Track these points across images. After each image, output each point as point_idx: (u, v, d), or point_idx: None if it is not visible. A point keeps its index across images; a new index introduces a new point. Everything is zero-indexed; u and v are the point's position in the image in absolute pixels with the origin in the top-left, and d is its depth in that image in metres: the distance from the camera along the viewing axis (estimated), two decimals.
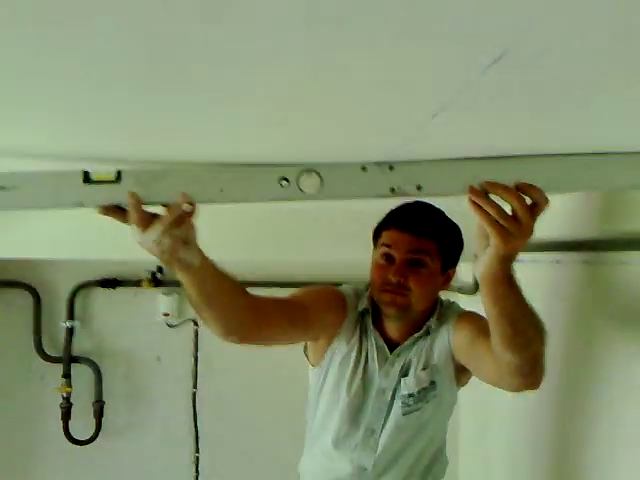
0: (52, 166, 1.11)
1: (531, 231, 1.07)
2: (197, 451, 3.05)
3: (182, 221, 1.08)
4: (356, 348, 1.61)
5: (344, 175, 1.08)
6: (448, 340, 1.58)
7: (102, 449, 2.99)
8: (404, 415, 1.59)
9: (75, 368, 2.99)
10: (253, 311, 1.36)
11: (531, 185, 1.05)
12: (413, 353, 1.60)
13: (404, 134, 0.93)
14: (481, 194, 1.05)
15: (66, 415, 2.94)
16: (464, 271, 2.47)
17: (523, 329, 1.20)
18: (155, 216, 1.09)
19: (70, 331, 2.99)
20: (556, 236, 1.75)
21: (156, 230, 1.07)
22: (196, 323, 3.05)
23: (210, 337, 2.89)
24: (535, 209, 1.07)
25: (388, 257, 1.55)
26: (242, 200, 1.09)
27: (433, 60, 0.63)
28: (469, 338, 1.51)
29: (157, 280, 2.98)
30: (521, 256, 1.14)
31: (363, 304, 1.63)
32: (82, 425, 2.96)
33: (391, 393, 1.60)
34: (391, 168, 1.07)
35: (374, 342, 1.61)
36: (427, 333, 1.60)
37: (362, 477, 1.63)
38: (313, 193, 1.07)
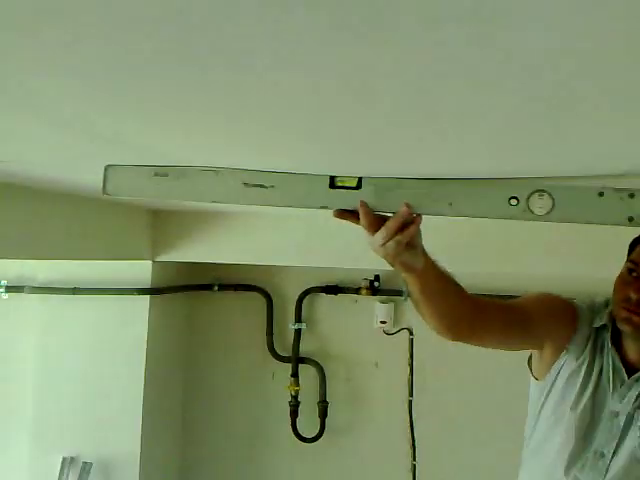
0: None
1: None
2: (414, 459, 3.09)
3: (406, 227, 1.14)
4: (586, 365, 1.53)
5: (578, 199, 1.04)
6: None
7: (325, 447, 3.18)
8: None
9: (301, 368, 3.22)
10: (470, 311, 1.40)
11: None
12: None
13: None
14: None
15: (294, 413, 3.18)
16: None
17: None
18: (384, 221, 1.16)
19: (298, 333, 3.23)
20: None
21: (382, 235, 1.14)
22: (411, 332, 3.11)
23: (425, 347, 3.01)
24: None
25: (634, 272, 1.45)
26: (469, 215, 1.11)
27: None
28: None
29: (375, 288, 3.10)
30: None
31: (601, 320, 1.54)
32: (307, 423, 3.19)
33: (625, 418, 1.49)
34: (632, 196, 1.01)
35: (611, 362, 1.51)
36: None
37: None
38: (542, 215, 1.05)
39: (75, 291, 2.90)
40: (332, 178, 1.16)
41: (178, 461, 3.30)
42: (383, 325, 3.13)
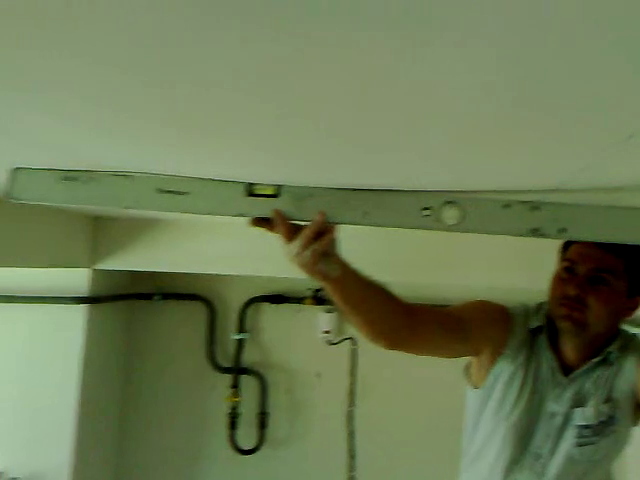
0: None
1: None
2: (353, 470, 3.08)
3: (321, 236, 1.14)
4: (523, 368, 1.53)
5: (486, 210, 1.07)
6: (633, 375, 1.47)
7: (263, 459, 3.14)
8: (578, 447, 1.49)
9: (242, 379, 3.18)
10: (403, 318, 1.39)
11: None
12: (591, 382, 1.50)
13: (582, 161, 0.91)
14: None
15: (232, 424, 3.14)
16: None
17: None
18: (300, 229, 1.16)
19: (240, 343, 3.20)
20: None
21: (297, 244, 1.14)
22: (355, 342, 3.11)
23: (368, 356, 3.02)
24: None
25: (570, 271, 1.48)
26: (383, 225, 1.12)
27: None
28: None
29: (319, 298, 3.09)
30: None
31: (537, 321, 1.55)
32: (247, 434, 3.14)
33: (562, 419, 1.51)
34: (536, 208, 1.04)
35: (548, 362, 1.53)
36: (607, 362, 1.50)
37: None
38: (453, 225, 1.07)
39: (9, 299, 2.81)
40: (250, 185, 1.15)
41: (112, 475, 3.21)
42: (326, 335, 3.13)
